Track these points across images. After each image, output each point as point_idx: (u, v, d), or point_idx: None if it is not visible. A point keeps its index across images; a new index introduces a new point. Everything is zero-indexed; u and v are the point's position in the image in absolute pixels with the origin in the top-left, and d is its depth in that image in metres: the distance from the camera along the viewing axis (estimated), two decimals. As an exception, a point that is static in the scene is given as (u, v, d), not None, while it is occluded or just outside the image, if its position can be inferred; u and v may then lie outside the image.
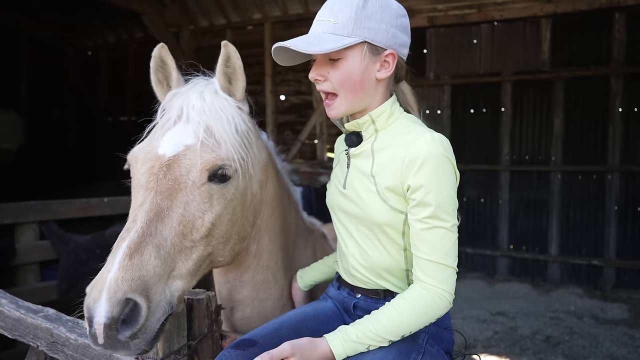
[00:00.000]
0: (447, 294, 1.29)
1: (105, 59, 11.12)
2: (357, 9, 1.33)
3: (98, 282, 1.15)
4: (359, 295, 1.51)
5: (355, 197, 1.42)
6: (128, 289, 1.13)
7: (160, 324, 1.22)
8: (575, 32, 6.37)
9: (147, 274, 1.18)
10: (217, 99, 1.48)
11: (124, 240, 1.22)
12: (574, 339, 4.72)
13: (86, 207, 4.05)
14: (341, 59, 1.35)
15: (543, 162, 6.62)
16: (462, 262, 7.09)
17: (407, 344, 1.31)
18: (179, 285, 1.28)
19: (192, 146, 1.38)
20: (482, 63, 6.92)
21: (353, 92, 1.37)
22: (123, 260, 1.17)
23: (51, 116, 11.51)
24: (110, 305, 1.10)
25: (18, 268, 3.70)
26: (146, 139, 1.48)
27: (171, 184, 1.33)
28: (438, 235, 1.29)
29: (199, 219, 1.34)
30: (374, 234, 1.41)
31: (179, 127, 1.43)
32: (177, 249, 1.28)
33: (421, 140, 1.30)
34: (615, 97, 6.18)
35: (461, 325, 4.98)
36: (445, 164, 1.29)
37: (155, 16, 8.57)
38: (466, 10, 6.86)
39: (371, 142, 1.43)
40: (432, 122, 6.80)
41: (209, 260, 1.43)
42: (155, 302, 1.18)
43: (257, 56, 8.36)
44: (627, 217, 6.20)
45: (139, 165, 1.40)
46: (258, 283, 1.72)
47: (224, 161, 1.39)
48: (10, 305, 1.79)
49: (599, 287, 6.20)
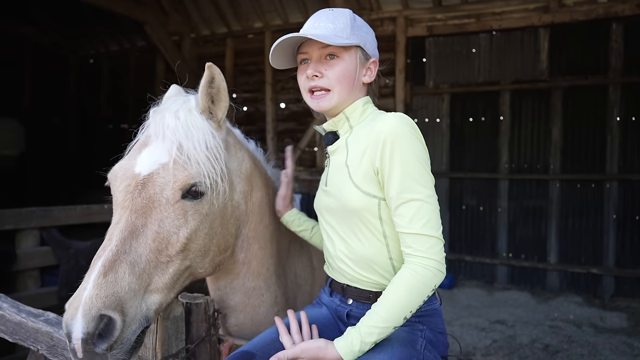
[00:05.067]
0: (434, 263, 1.30)
1: (107, 67, 11.19)
2: (350, 19, 1.51)
3: (75, 300, 1.21)
4: (350, 302, 1.53)
5: (334, 190, 1.49)
6: (102, 306, 1.18)
7: (137, 336, 1.28)
8: (573, 41, 6.43)
9: (122, 290, 1.23)
10: (191, 117, 1.51)
11: (99, 258, 1.27)
12: (573, 347, 4.71)
13: (87, 213, 4.07)
14: (338, 58, 1.48)
15: (542, 170, 6.65)
16: (461, 270, 7.10)
17: (406, 350, 1.32)
18: (156, 299, 1.34)
19: (165, 164, 1.42)
20: (480, 72, 6.97)
21: (347, 89, 1.50)
22: (97, 278, 1.22)
23: (53, 123, 11.55)
24: (85, 321, 1.16)
25: (18, 274, 3.72)
26: (126, 156, 1.52)
27: (145, 202, 1.37)
28: (414, 208, 1.32)
29: (174, 235, 1.38)
30: (354, 224, 1.45)
31: (154, 145, 1.47)
32: (153, 265, 1.33)
33: (383, 120, 1.38)
34: (613, 106, 6.22)
35: (460, 333, 4.98)
36: (409, 137, 1.35)
37: (157, 25, 8.64)
38: (465, 20, 6.93)
39: (346, 137, 1.55)
40: (431, 131, 6.77)
41: (188, 272, 1.46)
42: (130, 315, 1.24)
43: (257, 64, 8.43)
44: (625, 226, 6.21)
45: (117, 183, 1.45)
46: (249, 290, 1.75)
47: (196, 179, 1.42)
48: (11, 310, 1.81)
49: (598, 296, 6.20)
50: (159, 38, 8.67)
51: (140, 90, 10.44)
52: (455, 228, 7.15)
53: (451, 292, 6.48)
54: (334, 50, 1.48)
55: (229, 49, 8.88)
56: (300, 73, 1.56)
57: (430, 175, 1.37)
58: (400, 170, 1.33)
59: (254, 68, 8.46)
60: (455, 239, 7.14)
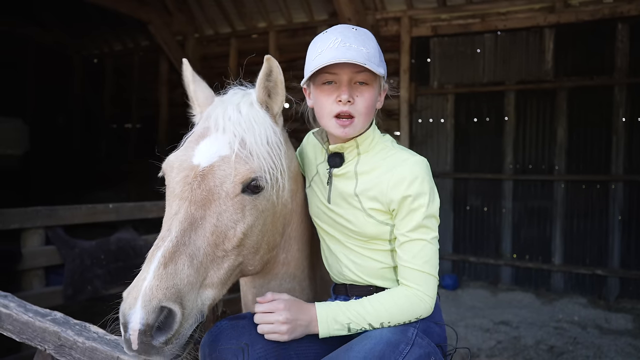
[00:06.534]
0: (427, 297, 1.44)
1: (111, 66, 11.21)
2: (376, 43, 1.50)
3: (134, 289, 1.19)
4: (354, 298, 1.58)
5: (343, 212, 1.54)
6: (163, 297, 1.16)
7: (192, 331, 1.26)
8: (578, 42, 6.40)
9: (181, 283, 1.21)
10: (252, 111, 1.49)
11: (158, 248, 1.25)
12: (578, 349, 4.69)
13: (92, 212, 4.08)
14: (368, 86, 1.47)
15: (546, 171, 6.62)
16: (465, 271, 7.08)
17: (396, 337, 1.39)
18: (210, 294, 1.32)
19: (226, 157, 1.40)
20: (485, 72, 6.95)
21: (367, 117, 1.50)
22: (158, 269, 1.20)
23: (57, 123, 11.59)
24: (145, 312, 1.14)
25: (24, 273, 3.72)
26: (182, 147, 1.49)
27: (205, 194, 1.35)
28: (419, 247, 1.44)
29: (231, 230, 1.36)
30: (364, 244, 1.54)
31: (214, 137, 1.45)
32: (210, 259, 1.31)
33: (406, 165, 1.46)
34: (618, 107, 6.19)
35: (464, 334, 4.97)
36: (427, 190, 1.45)
37: (161, 25, 8.66)
38: (470, 20, 6.91)
39: (354, 164, 1.55)
40: (436, 131, 6.78)
41: (239, 269, 1.45)
42: (188, 309, 1.22)
43: (261, 64, 8.41)
44: (631, 227, 6.18)
45: (174, 173, 1.42)
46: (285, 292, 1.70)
47: (257, 173, 1.40)
48: (18, 309, 1.81)
49: (603, 297, 6.17)
50: (163, 38, 8.69)
51: (144, 90, 10.46)
52: (459, 229, 7.13)
53: (455, 293, 6.46)
54: (366, 78, 1.45)
55: (232, 49, 8.88)
56: (325, 94, 1.48)
57: (437, 220, 1.49)
58: (416, 220, 1.44)
59: (258, 68, 8.43)
60: (460, 240, 7.13)
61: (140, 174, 9.95)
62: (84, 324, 1.67)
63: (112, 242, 4.16)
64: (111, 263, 4.04)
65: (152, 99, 10.11)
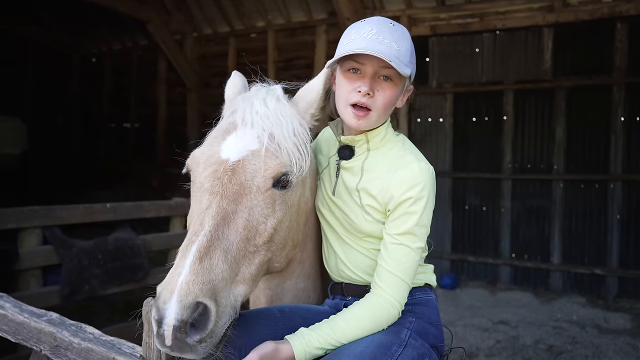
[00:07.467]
0: (398, 304, 1.43)
1: (110, 65, 11.19)
2: (411, 44, 1.50)
3: (169, 284, 1.15)
4: (349, 298, 1.59)
5: (343, 206, 1.55)
6: (199, 293, 1.13)
7: (225, 329, 1.23)
8: (577, 41, 6.40)
9: (216, 278, 1.19)
10: (280, 106, 1.48)
11: (193, 243, 1.22)
12: (577, 348, 4.69)
13: (89, 212, 4.06)
14: (392, 82, 1.46)
15: (545, 170, 6.62)
16: (464, 270, 7.08)
17: (389, 338, 1.39)
18: (242, 290, 1.30)
19: (256, 152, 1.39)
20: (484, 72, 6.94)
21: (384, 114, 1.50)
22: (194, 263, 1.17)
23: (55, 122, 11.57)
24: (181, 307, 1.11)
25: (21, 273, 3.71)
26: (206, 143, 1.47)
27: (237, 189, 1.33)
28: (402, 252, 1.44)
29: (262, 224, 1.36)
30: (359, 240, 1.55)
31: (241, 132, 1.43)
32: (242, 254, 1.30)
33: (411, 169, 1.45)
34: (617, 106, 6.19)
35: (463, 334, 4.96)
36: (427, 197, 1.44)
37: (159, 24, 8.65)
38: (468, 19, 6.90)
39: (362, 159, 1.56)
40: (434, 130, 6.77)
41: (267, 265, 1.44)
42: (222, 306, 1.20)
43: (260, 63, 8.35)
44: (629, 226, 6.18)
45: (200, 168, 1.40)
46: (300, 291, 1.71)
47: (287, 168, 1.40)
48: (13, 309, 1.80)
49: (602, 297, 6.17)
50: (162, 37, 8.67)
51: (143, 89, 10.46)
52: (458, 228, 7.12)
53: (454, 293, 6.46)
54: (391, 74, 1.44)
55: (231, 48, 8.86)
56: (348, 80, 1.47)
57: (428, 231, 1.49)
58: (408, 225, 1.43)
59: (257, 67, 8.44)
60: (458, 239, 7.12)
61: (138, 173, 9.95)
62: (80, 325, 1.66)
63: (110, 242, 4.14)
64: (109, 263, 4.02)
65: (150, 98, 10.11)
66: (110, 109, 11.19)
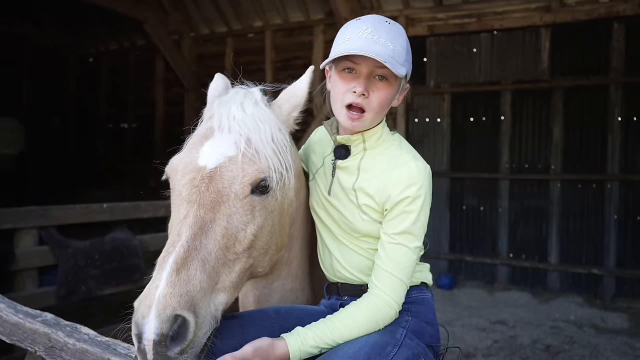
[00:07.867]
0: (395, 304, 1.42)
1: (107, 66, 11.17)
2: (406, 42, 1.48)
3: (146, 298, 1.15)
4: (345, 298, 1.59)
5: (340, 206, 1.54)
6: (177, 305, 1.12)
7: (207, 338, 1.23)
8: (574, 41, 6.41)
9: (194, 289, 1.17)
10: (257, 110, 1.45)
11: (170, 254, 1.21)
12: (574, 348, 4.70)
13: (86, 212, 4.05)
14: (387, 82, 1.45)
15: (543, 170, 6.63)
16: (461, 270, 7.08)
17: (384, 338, 1.38)
18: (223, 299, 1.29)
19: (233, 157, 1.36)
20: (481, 72, 6.95)
21: (379, 114, 1.48)
22: (170, 275, 1.16)
23: (52, 122, 11.54)
24: (159, 321, 1.10)
25: (17, 273, 3.69)
26: (185, 149, 1.45)
27: (214, 197, 1.31)
28: (400, 251, 1.43)
29: (241, 232, 1.34)
30: (355, 240, 1.55)
31: (218, 138, 1.41)
32: (221, 262, 1.28)
33: (407, 168, 1.44)
34: (614, 106, 6.20)
35: (460, 334, 4.96)
36: (424, 196, 1.44)
37: (157, 24, 8.63)
38: (466, 20, 6.90)
39: (358, 159, 1.54)
40: (432, 130, 6.77)
41: (249, 271, 1.43)
42: (202, 317, 1.19)
43: (257, 63, 8.40)
44: (626, 226, 6.19)
45: (179, 176, 1.38)
46: (287, 292, 1.70)
47: (265, 173, 1.37)
48: (8, 310, 1.79)
49: (599, 296, 6.18)
50: (159, 37, 8.66)
51: (140, 89, 10.43)
52: (455, 228, 7.13)
53: (452, 293, 6.46)
54: (387, 73, 1.43)
55: (229, 48, 8.85)
56: (343, 80, 1.46)
57: (425, 230, 1.47)
58: (405, 224, 1.43)
59: (254, 67, 8.43)
60: (456, 239, 7.12)
61: (135, 174, 9.92)
62: (75, 326, 1.65)
63: (107, 242, 4.13)
64: (105, 263, 4.01)
65: (147, 98, 10.09)
66: (108, 109, 11.17)
